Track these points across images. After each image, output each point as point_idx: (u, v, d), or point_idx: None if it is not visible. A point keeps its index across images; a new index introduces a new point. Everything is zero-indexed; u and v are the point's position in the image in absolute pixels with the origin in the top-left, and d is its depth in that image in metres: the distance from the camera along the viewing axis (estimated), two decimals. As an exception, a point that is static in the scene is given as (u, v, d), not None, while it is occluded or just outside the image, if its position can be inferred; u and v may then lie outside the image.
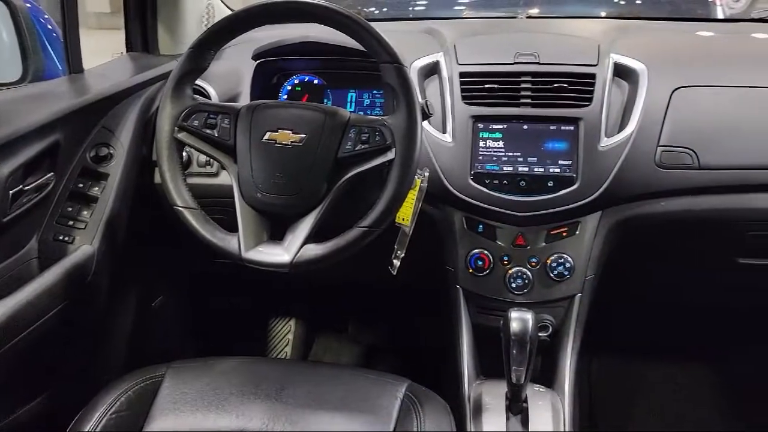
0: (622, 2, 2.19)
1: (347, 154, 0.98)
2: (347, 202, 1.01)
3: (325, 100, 1.37)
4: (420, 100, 0.99)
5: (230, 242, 1.00)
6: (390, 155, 0.97)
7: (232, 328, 1.84)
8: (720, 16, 1.95)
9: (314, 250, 0.98)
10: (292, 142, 0.99)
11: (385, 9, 2.19)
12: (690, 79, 1.23)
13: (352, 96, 1.36)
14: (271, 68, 1.36)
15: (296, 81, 1.37)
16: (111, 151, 1.22)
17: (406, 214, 1.10)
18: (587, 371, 1.79)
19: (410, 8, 2.17)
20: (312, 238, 0.98)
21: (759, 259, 1.29)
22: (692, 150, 1.17)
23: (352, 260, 0.98)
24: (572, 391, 1.17)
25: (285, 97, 1.37)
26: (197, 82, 1.14)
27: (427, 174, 1.12)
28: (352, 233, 0.97)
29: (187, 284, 1.70)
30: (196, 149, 1.05)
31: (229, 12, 1.05)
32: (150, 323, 1.51)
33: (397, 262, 1.13)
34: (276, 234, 1.02)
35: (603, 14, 1.95)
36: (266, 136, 1.00)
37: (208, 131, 1.02)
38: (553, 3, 2.04)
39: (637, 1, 2.20)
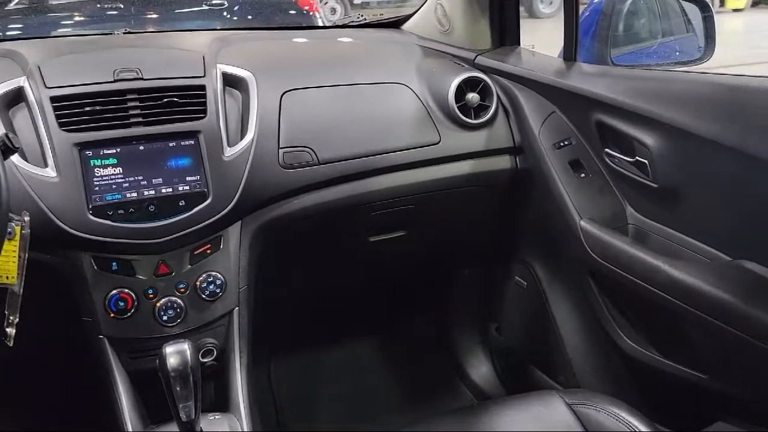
0: (228, 16, 2.24)
1: None
2: None
3: None
4: None
5: None
6: None
7: None
8: (320, 24, 2.14)
9: None
10: None
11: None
12: (295, 83, 1.30)
13: None
14: None
15: None
16: None
17: (9, 271, 0.91)
18: (267, 378, 1.80)
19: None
20: None
21: (384, 234, 1.46)
22: (310, 148, 1.25)
23: None
24: (249, 407, 1.14)
25: None
26: None
27: (27, 218, 0.94)
28: None
29: None
30: None
31: None
32: None
33: (11, 331, 0.92)
34: None
35: (208, 27, 1.96)
36: None
37: None
38: (153, 20, 1.97)
39: (249, 17, 2.29)
